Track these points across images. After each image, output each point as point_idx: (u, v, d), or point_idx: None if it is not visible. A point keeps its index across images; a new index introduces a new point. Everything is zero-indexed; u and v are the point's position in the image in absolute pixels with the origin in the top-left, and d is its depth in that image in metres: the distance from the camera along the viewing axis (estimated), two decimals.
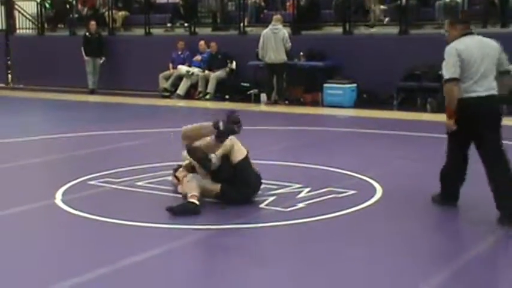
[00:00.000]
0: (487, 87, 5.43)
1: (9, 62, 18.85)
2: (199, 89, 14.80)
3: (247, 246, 4.93)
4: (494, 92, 5.45)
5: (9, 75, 18.81)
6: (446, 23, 5.88)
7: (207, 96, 14.52)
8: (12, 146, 9.14)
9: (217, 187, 5.80)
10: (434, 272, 4.21)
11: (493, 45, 5.70)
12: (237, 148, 5.82)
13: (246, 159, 5.83)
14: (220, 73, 14.57)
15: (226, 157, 5.78)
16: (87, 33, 16.34)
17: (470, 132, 5.51)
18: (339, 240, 5.02)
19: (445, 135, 5.67)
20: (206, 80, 14.75)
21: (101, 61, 16.31)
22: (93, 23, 16.45)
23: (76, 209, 5.69)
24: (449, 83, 5.41)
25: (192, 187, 5.72)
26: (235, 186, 5.77)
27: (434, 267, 4.29)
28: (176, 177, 6.30)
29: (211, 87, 14.54)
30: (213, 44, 14.86)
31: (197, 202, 5.54)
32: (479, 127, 5.43)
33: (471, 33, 5.75)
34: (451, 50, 5.52)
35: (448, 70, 5.43)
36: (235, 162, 5.78)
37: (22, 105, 14.92)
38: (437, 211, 5.75)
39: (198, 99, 14.62)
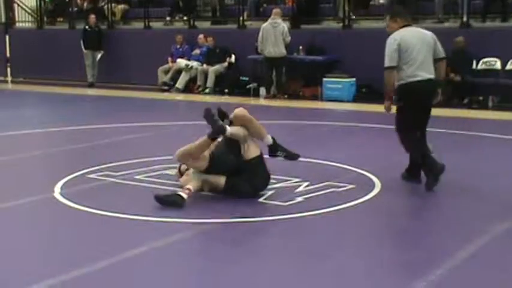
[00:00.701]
0: (427, 71, 6.25)
1: (8, 56, 18.83)
2: (198, 83, 14.80)
3: (246, 241, 4.93)
4: (433, 76, 6.30)
5: (9, 69, 18.79)
6: (387, 18, 6.54)
7: (207, 90, 14.51)
8: (11, 139, 9.14)
9: (221, 181, 5.80)
10: (432, 267, 4.21)
11: (428, 34, 6.41)
12: (252, 145, 5.85)
13: (259, 158, 5.86)
14: (219, 67, 14.57)
15: (237, 149, 5.79)
16: (87, 27, 16.33)
17: (419, 109, 6.31)
18: (337, 234, 5.03)
19: (439, 129, 5.84)
20: (205, 74, 14.75)
21: (100, 55, 16.30)
22: (92, 16, 16.43)
23: (75, 203, 5.69)
24: (387, 71, 6.27)
25: (189, 180, 5.73)
26: (241, 181, 5.78)
27: (432, 262, 4.30)
28: (180, 171, 6.30)
29: (210, 81, 14.54)
30: (209, 39, 14.85)
31: (185, 196, 5.54)
32: (424, 104, 6.31)
33: (409, 25, 6.42)
34: (390, 40, 6.27)
35: (388, 58, 6.22)
36: (249, 158, 5.81)
37: (21, 99, 14.92)
38: (435, 206, 5.77)
39: (197, 93, 14.62)
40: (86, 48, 16.15)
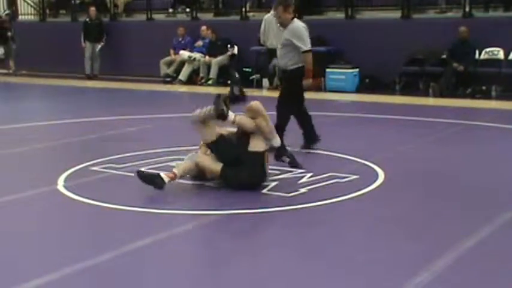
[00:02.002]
0: None
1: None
2: (201, 74, 14.79)
3: (250, 232, 4.94)
4: None
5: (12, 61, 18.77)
6: (280, 9, 7.19)
7: (210, 82, 14.50)
8: (14, 132, 9.15)
9: (217, 167, 5.82)
10: (436, 257, 4.21)
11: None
12: (259, 139, 5.86)
13: (261, 154, 5.86)
14: (222, 59, 14.55)
15: (246, 144, 5.82)
16: (87, 19, 16.32)
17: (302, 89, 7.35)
18: (340, 225, 5.03)
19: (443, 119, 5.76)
20: (208, 66, 14.74)
21: (100, 46, 16.25)
22: (92, 9, 16.43)
23: (78, 195, 5.70)
24: (309, 53, 7.17)
25: (179, 166, 5.82)
26: (237, 172, 5.79)
27: (435, 253, 4.29)
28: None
29: (213, 73, 14.53)
30: (209, 32, 14.81)
31: (166, 180, 5.62)
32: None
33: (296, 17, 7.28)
34: (301, 27, 7.21)
35: (306, 42, 7.15)
36: (251, 150, 5.82)
37: (24, 91, 14.94)
38: (438, 196, 5.76)
39: (200, 84, 14.61)
40: (86, 40, 16.15)
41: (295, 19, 7.27)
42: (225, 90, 13.37)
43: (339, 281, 3.98)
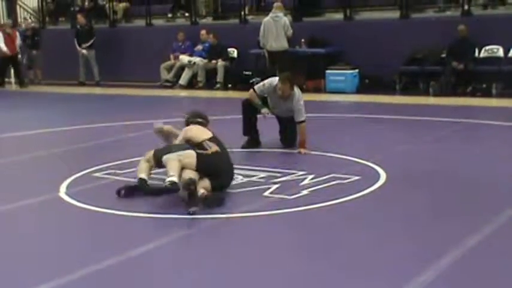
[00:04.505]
0: None
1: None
2: (199, 78, 14.82)
3: (252, 235, 4.94)
4: None
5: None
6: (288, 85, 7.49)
7: (218, 86, 14.52)
8: (15, 140, 9.17)
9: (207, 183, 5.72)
10: (438, 257, 4.21)
11: None
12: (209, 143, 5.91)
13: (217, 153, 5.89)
14: (224, 62, 14.57)
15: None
16: (78, 26, 16.41)
17: None
18: (342, 227, 5.04)
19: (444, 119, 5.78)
20: (206, 70, 14.78)
21: (85, 49, 16.19)
22: (80, 16, 16.51)
23: (80, 202, 5.72)
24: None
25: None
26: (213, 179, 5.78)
27: (438, 252, 4.30)
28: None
29: (220, 77, 14.53)
30: (210, 36, 14.84)
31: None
32: None
33: None
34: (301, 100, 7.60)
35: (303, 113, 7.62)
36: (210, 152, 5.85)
37: (24, 99, 14.95)
38: (440, 196, 5.77)
39: (198, 88, 14.64)
40: (79, 46, 16.21)
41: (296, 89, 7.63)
42: (233, 94, 13.41)
43: (341, 281, 3.98)
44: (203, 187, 5.55)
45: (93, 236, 5.05)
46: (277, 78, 7.73)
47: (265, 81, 7.78)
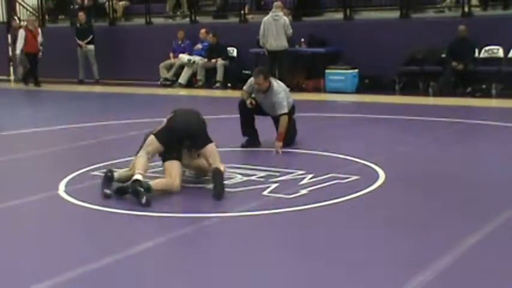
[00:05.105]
0: None
1: (11, 55, 18.81)
2: (198, 77, 14.82)
3: (251, 234, 4.94)
4: None
5: (11, 68, 18.80)
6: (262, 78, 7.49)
7: (217, 84, 14.52)
8: (14, 139, 9.16)
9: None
10: (437, 256, 4.21)
11: None
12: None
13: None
14: (224, 61, 14.56)
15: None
16: (78, 24, 16.40)
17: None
18: (341, 226, 5.03)
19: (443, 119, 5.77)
20: (205, 69, 14.78)
21: (86, 45, 16.19)
22: (81, 13, 16.51)
23: (79, 200, 5.71)
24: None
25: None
26: None
27: (437, 252, 4.29)
28: None
29: (219, 75, 14.53)
30: (210, 36, 14.84)
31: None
32: None
33: None
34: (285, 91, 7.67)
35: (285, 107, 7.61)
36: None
37: (24, 98, 14.94)
38: (439, 196, 5.76)
39: (197, 87, 14.64)
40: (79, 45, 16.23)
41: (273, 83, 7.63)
42: (232, 94, 13.40)
43: (340, 281, 3.98)
44: (200, 165, 6.01)
45: (92, 234, 5.04)
46: None
47: (248, 80, 7.84)
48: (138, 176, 5.57)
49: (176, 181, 5.79)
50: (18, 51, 16.23)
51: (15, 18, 18.69)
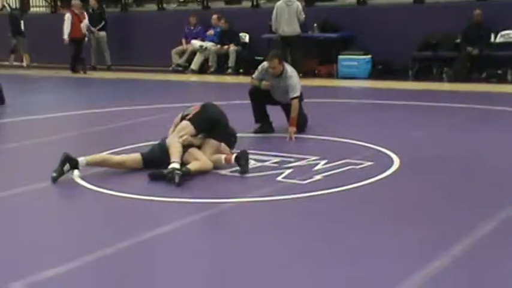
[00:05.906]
0: None
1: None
2: (210, 63, 14.80)
3: (265, 220, 4.93)
4: None
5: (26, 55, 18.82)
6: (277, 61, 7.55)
7: (229, 70, 14.50)
8: (29, 124, 9.18)
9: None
10: (452, 243, 4.18)
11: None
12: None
13: None
14: (236, 47, 14.52)
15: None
16: (90, 10, 16.37)
17: None
18: (356, 212, 5.01)
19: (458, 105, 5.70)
20: (217, 55, 14.75)
21: (96, 31, 16.16)
22: None
23: (94, 185, 5.72)
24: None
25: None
26: None
27: (451, 239, 4.27)
28: None
29: (232, 61, 14.51)
30: (222, 22, 14.79)
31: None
32: None
33: None
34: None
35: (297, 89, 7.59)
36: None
37: (37, 84, 14.98)
38: (453, 183, 5.73)
39: (209, 73, 14.63)
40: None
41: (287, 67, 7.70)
42: (237, 79, 13.38)
43: (356, 265, 3.96)
44: (222, 153, 6.13)
45: (107, 218, 5.05)
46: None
47: (258, 67, 7.84)
48: (175, 165, 5.72)
49: (208, 161, 6.01)
50: (65, 37, 15.64)
51: (5, 4, 18.72)
